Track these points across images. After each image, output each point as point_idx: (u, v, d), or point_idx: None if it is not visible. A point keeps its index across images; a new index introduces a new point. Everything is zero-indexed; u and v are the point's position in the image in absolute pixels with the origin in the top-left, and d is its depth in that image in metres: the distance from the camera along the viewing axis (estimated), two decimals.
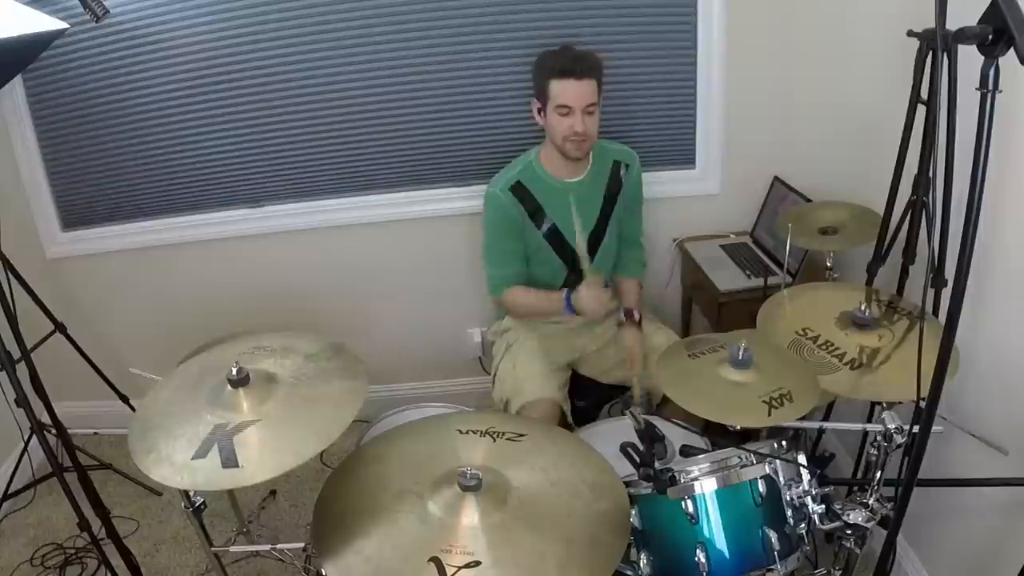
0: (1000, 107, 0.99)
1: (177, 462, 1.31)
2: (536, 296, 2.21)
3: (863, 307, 1.58)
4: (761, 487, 1.41)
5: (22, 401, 1.98)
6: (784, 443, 1.46)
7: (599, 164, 2.20)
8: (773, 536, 1.38)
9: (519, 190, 2.14)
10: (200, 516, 1.50)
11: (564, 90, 2.00)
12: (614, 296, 2.33)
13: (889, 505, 1.34)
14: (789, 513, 1.42)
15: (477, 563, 1.18)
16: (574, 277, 2.24)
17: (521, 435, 1.49)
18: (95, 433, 2.81)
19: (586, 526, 1.29)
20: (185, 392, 1.47)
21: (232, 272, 2.69)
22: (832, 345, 1.55)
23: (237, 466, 1.28)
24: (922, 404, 1.19)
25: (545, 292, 2.20)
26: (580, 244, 2.04)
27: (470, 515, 1.26)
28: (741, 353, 1.41)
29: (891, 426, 1.30)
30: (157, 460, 1.32)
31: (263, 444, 1.33)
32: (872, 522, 1.34)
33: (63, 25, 1.97)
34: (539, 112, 2.11)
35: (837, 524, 1.36)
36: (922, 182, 1.69)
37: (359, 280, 2.74)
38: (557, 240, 2.19)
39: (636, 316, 2.20)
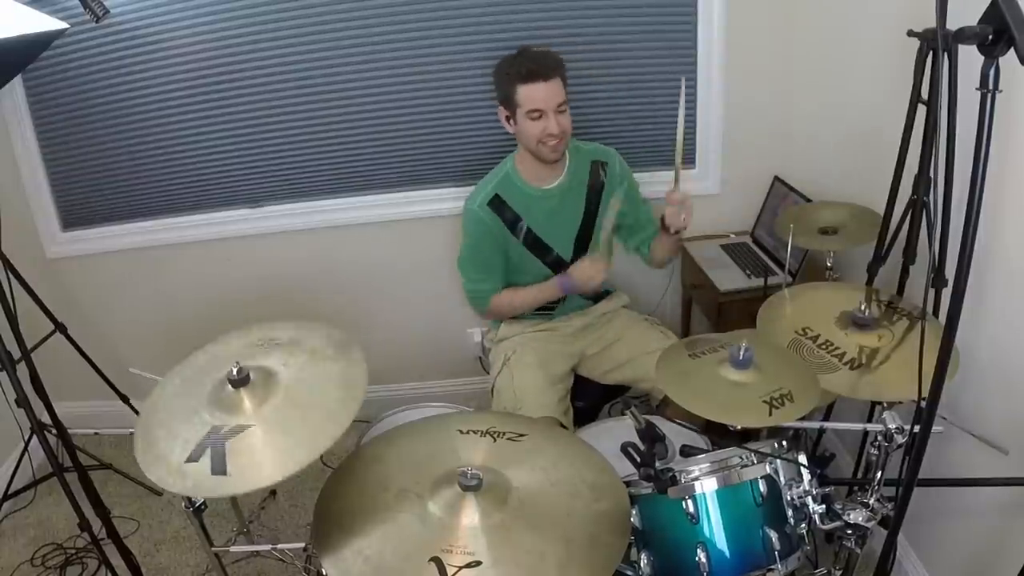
0: (1000, 107, 0.99)
1: (172, 464, 1.30)
2: (526, 290, 2.20)
3: (863, 307, 1.58)
4: (762, 487, 1.40)
5: (22, 401, 1.98)
6: (784, 443, 1.46)
7: (576, 165, 2.17)
8: (774, 536, 1.38)
9: (496, 203, 2.12)
10: (200, 516, 1.50)
11: (533, 94, 1.97)
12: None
13: (889, 505, 1.34)
14: (790, 513, 1.42)
15: (477, 563, 1.18)
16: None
17: (521, 435, 1.49)
18: (95, 433, 2.81)
19: (586, 526, 1.29)
20: (190, 388, 1.47)
21: (232, 272, 2.69)
22: (832, 345, 1.55)
23: (225, 473, 1.27)
24: (922, 404, 1.19)
25: (535, 285, 2.20)
26: (606, 229, 2.06)
27: (470, 515, 1.26)
28: (741, 353, 1.41)
29: (891, 426, 1.30)
30: (155, 460, 1.32)
31: (254, 452, 1.32)
32: (872, 522, 1.34)
33: (63, 25, 1.97)
34: (508, 120, 2.07)
35: (838, 524, 1.36)
36: (922, 182, 1.69)
37: (358, 280, 2.74)
38: (538, 247, 2.17)
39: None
